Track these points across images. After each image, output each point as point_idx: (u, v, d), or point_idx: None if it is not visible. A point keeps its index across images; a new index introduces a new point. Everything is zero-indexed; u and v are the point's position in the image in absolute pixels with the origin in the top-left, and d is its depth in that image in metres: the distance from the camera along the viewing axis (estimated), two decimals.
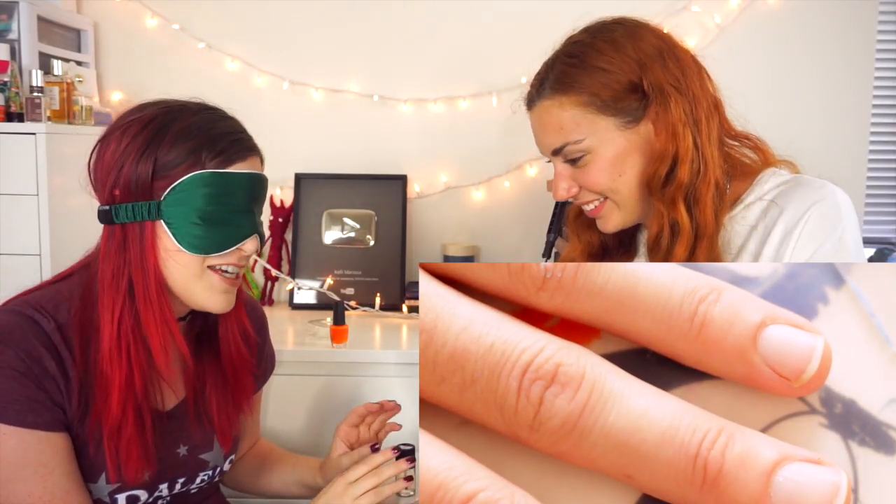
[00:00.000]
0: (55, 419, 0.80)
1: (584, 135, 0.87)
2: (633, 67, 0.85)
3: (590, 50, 0.88)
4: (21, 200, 1.43)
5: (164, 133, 0.81)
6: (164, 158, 0.81)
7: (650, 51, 0.86)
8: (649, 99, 0.85)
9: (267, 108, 1.89)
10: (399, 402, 1.11)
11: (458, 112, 1.88)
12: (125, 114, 0.85)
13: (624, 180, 0.88)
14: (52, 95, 1.53)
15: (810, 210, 0.83)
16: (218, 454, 0.95)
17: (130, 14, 1.87)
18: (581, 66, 0.87)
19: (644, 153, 0.87)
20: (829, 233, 0.82)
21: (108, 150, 0.82)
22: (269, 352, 1.10)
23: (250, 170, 0.86)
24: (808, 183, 0.87)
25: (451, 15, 1.86)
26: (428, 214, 1.92)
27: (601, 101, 0.86)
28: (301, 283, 1.80)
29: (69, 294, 0.84)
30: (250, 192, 0.86)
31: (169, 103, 0.85)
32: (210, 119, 0.85)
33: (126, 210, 0.81)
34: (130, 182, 0.81)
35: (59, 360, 0.80)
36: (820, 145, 1.84)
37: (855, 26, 1.84)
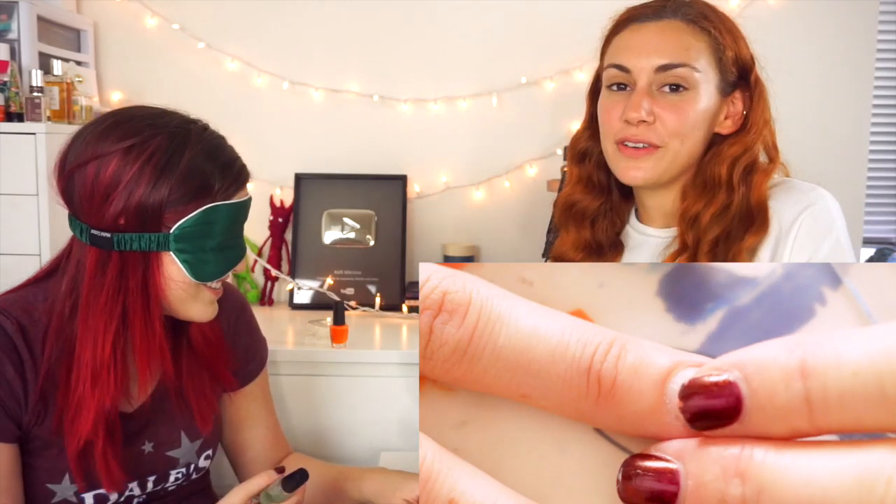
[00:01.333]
0: (5, 429, 0.80)
1: (700, 69, 0.89)
2: (748, 50, 0.93)
3: (729, 20, 0.93)
4: (21, 200, 1.43)
5: (176, 164, 0.80)
6: (177, 192, 0.80)
7: (747, 44, 0.94)
8: (748, 83, 0.92)
9: (267, 108, 1.89)
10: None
11: (458, 112, 1.88)
12: (113, 129, 0.81)
13: (692, 138, 0.89)
14: (52, 95, 1.53)
15: (803, 213, 0.84)
16: (188, 450, 0.94)
17: (130, 14, 1.87)
18: (718, 17, 0.92)
19: (713, 125, 0.92)
20: (826, 235, 0.83)
21: (105, 171, 0.79)
22: (245, 332, 1.05)
23: (247, 195, 0.88)
24: (797, 186, 0.88)
25: (451, 15, 1.86)
26: (428, 214, 1.92)
27: (722, 53, 0.89)
28: (301, 283, 1.80)
29: (34, 299, 0.84)
30: (245, 216, 0.88)
31: (166, 123, 0.83)
32: (213, 146, 0.84)
33: (133, 240, 0.79)
34: (140, 212, 0.79)
35: (17, 362, 0.79)
36: (820, 145, 1.84)
37: (855, 26, 1.84)
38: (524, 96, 1.85)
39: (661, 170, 0.90)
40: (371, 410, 1.43)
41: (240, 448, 1.06)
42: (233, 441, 1.06)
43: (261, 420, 1.08)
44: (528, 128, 1.87)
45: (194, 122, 0.86)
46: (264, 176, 1.87)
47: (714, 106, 0.90)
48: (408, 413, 1.42)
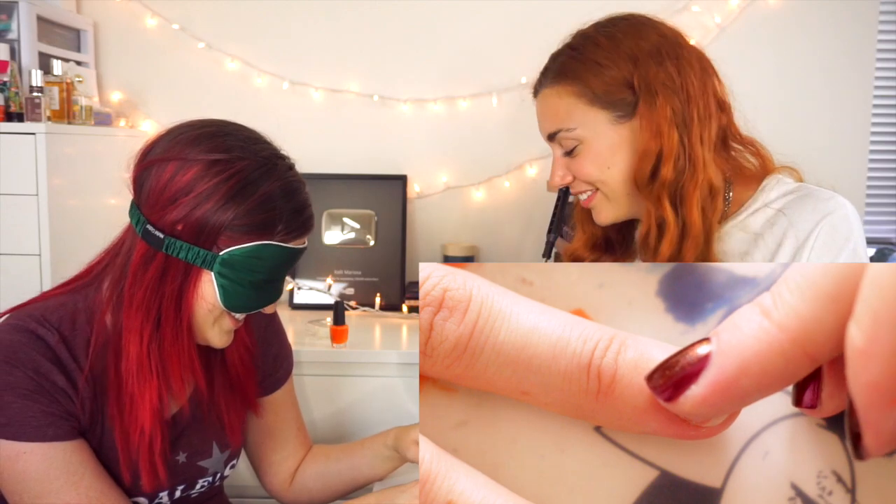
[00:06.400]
0: (73, 428, 0.80)
1: (576, 124, 0.89)
2: (626, 63, 0.87)
3: (589, 43, 0.90)
4: (21, 200, 1.43)
5: (251, 193, 0.80)
6: (241, 219, 0.80)
7: (648, 48, 0.87)
8: (638, 96, 0.86)
9: (267, 108, 1.89)
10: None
11: (458, 112, 1.89)
12: (207, 139, 0.81)
13: (612, 173, 0.90)
14: (52, 95, 1.53)
15: (821, 223, 0.83)
16: (217, 460, 0.95)
17: (130, 14, 1.87)
18: (579, 59, 0.90)
19: (633, 149, 0.89)
20: (843, 245, 0.82)
21: (184, 175, 0.79)
22: (275, 340, 1.07)
23: (304, 244, 0.88)
24: (816, 194, 0.86)
25: (451, 15, 1.86)
26: (428, 214, 1.92)
27: (593, 94, 0.88)
28: (301, 283, 1.80)
29: (74, 307, 0.84)
30: (294, 262, 0.87)
31: (257, 152, 0.83)
32: (293, 188, 0.84)
33: (182, 248, 0.79)
34: (199, 226, 0.79)
35: (66, 373, 0.80)
36: (820, 145, 1.84)
37: (855, 26, 1.84)
38: (524, 96, 1.84)
39: (617, 205, 0.93)
40: (371, 410, 1.43)
41: (268, 451, 1.07)
42: (261, 444, 1.07)
43: (289, 423, 1.08)
44: (528, 128, 1.85)
45: (283, 158, 0.86)
46: None
47: (618, 137, 0.88)
48: (408, 413, 1.42)
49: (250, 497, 1.17)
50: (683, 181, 0.86)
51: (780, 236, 0.85)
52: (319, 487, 1.08)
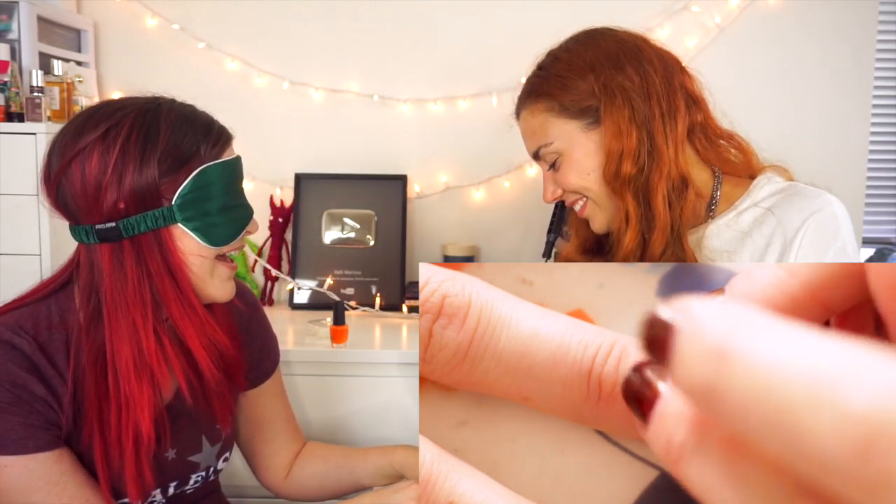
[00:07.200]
0: (54, 437, 0.79)
1: (552, 138, 0.94)
2: (586, 73, 0.91)
3: (552, 60, 0.96)
4: (21, 200, 1.43)
5: (155, 137, 0.79)
6: (165, 163, 0.79)
7: (605, 55, 0.91)
8: (601, 101, 0.90)
9: (267, 108, 1.89)
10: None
11: (458, 112, 1.88)
12: (85, 121, 0.80)
13: (592, 179, 0.94)
14: (53, 95, 1.53)
15: (809, 220, 0.83)
16: (208, 454, 0.95)
17: (130, 14, 1.87)
18: (545, 77, 0.96)
19: (605, 153, 0.92)
20: (830, 242, 0.83)
21: (89, 164, 0.78)
22: (259, 333, 1.06)
23: (234, 154, 0.88)
24: (804, 192, 0.87)
25: (451, 15, 1.86)
26: (428, 214, 1.92)
27: (561, 107, 0.93)
28: (301, 283, 1.80)
29: (47, 310, 0.83)
30: (239, 175, 0.88)
31: (134, 102, 0.83)
32: (187, 114, 0.84)
33: (139, 221, 0.79)
34: (137, 192, 0.78)
35: (44, 380, 0.79)
36: (820, 145, 1.84)
37: (855, 26, 1.84)
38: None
39: (607, 211, 0.96)
40: (371, 411, 1.43)
41: (259, 443, 1.07)
42: (252, 437, 1.07)
43: (278, 414, 1.09)
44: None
45: (161, 97, 0.85)
46: (264, 176, 1.87)
47: (591, 144, 0.93)
48: (408, 413, 1.42)
49: (249, 497, 1.17)
50: (648, 174, 0.89)
51: (769, 235, 0.85)
52: (316, 487, 1.08)
